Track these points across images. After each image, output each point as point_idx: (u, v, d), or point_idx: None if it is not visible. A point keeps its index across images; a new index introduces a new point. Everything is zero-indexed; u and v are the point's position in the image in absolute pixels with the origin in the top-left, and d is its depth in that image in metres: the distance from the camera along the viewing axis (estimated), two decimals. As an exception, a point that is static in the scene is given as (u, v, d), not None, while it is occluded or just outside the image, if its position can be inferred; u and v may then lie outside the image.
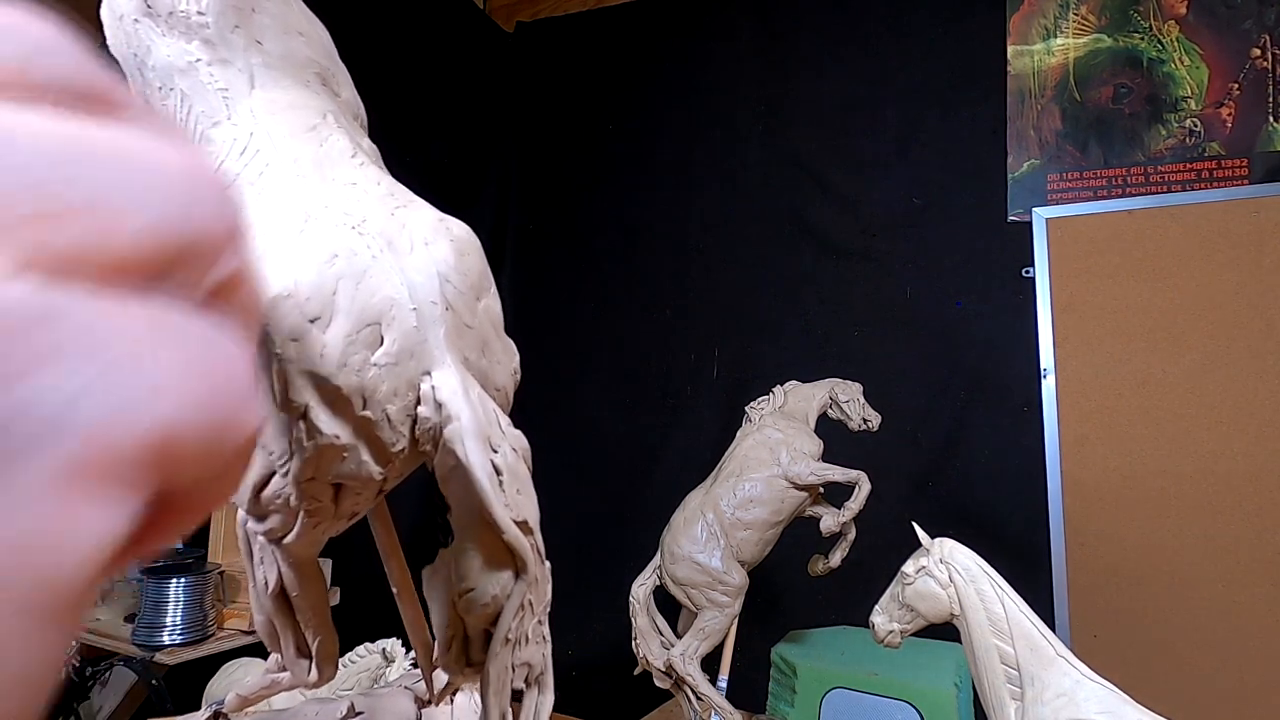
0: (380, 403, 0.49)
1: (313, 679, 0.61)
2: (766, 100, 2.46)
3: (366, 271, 0.49)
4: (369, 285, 0.49)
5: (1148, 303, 1.88)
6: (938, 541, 1.13)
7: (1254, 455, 1.74)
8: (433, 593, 0.54)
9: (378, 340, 0.49)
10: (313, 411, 0.47)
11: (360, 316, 0.48)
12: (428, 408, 0.51)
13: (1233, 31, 1.98)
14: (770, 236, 2.40)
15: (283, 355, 0.46)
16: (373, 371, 0.48)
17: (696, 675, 1.51)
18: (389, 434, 0.50)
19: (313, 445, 0.48)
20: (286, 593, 0.57)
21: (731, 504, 1.55)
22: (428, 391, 0.51)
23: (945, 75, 2.22)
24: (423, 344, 0.51)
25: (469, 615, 0.53)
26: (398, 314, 0.50)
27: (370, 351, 0.48)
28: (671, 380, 2.48)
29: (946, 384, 2.13)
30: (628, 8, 2.72)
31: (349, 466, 0.50)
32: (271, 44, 0.59)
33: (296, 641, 0.61)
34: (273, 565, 0.56)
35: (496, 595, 0.52)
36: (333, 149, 0.58)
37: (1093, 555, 1.86)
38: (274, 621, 0.59)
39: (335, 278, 0.47)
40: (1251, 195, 1.84)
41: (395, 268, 0.50)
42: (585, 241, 2.68)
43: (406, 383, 0.50)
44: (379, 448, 0.50)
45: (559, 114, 2.79)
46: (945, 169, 2.20)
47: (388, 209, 0.54)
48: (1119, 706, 0.94)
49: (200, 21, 0.56)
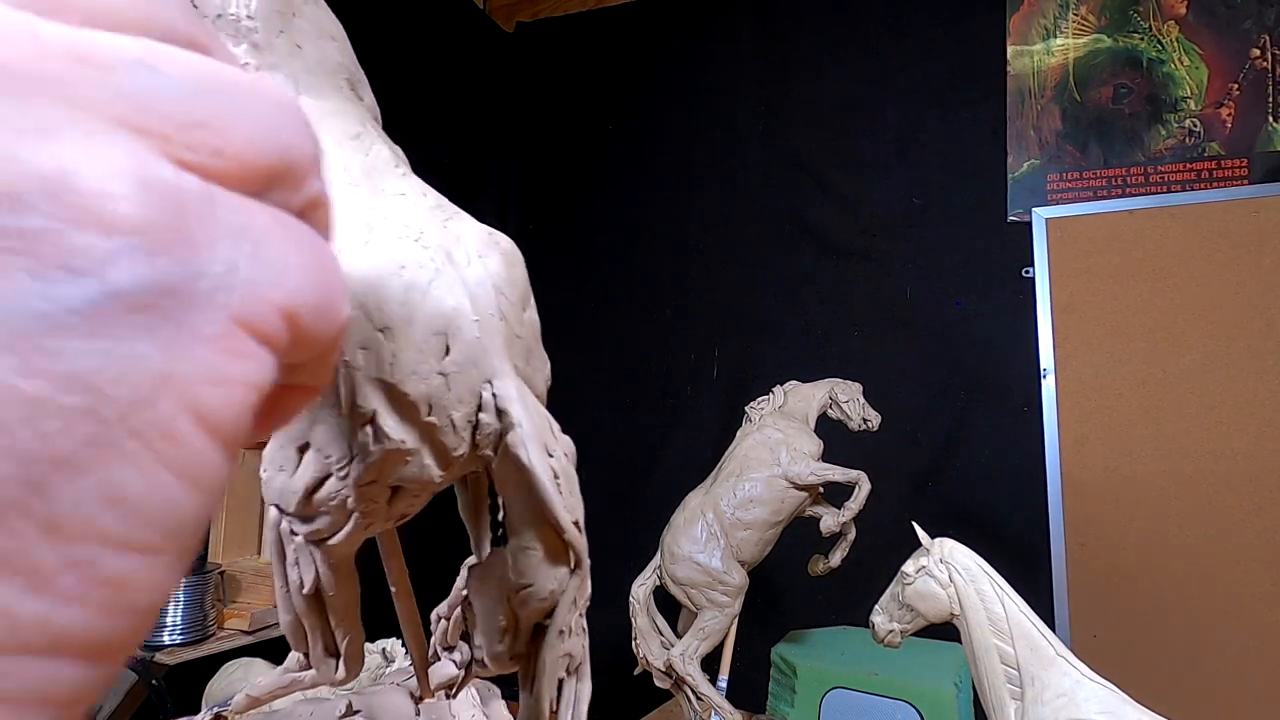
0: (446, 409, 0.51)
1: (340, 676, 0.63)
2: (766, 100, 2.46)
3: (432, 283, 0.51)
4: (435, 296, 0.51)
5: (1148, 303, 1.88)
6: (938, 541, 1.13)
7: (1254, 455, 1.74)
8: (484, 589, 0.58)
9: (444, 349, 0.51)
10: (380, 417, 0.49)
11: (427, 326, 0.50)
12: (488, 414, 0.53)
13: (1232, 31, 1.98)
14: (770, 236, 2.40)
15: (351, 363, 0.48)
16: (439, 379, 0.51)
17: (696, 675, 1.51)
18: (452, 439, 0.52)
19: (379, 450, 0.50)
20: (320, 593, 0.59)
21: (731, 504, 1.55)
22: (488, 399, 0.54)
23: (945, 75, 2.22)
24: (484, 353, 0.53)
25: (524, 609, 0.57)
26: (462, 324, 0.52)
27: (437, 360, 0.51)
28: (671, 380, 2.48)
29: (946, 384, 2.13)
30: (628, 8, 2.72)
31: (412, 470, 0.52)
32: (309, 49, 0.61)
33: (325, 641, 0.62)
34: (310, 566, 0.57)
35: (554, 590, 0.56)
36: (378, 158, 0.60)
37: (1093, 555, 1.86)
38: (304, 621, 0.61)
39: (404, 289, 0.49)
40: (1251, 195, 1.84)
41: (457, 279, 0.53)
42: (585, 241, 2.68)
43: (469, 390, 0.53)
44: (442, 452, 0.52)
45: (559, 114, 2.79)
46: (945, 169, 2.20)
47: (439, 221, 0.56)
48: (1119, 706, 0.94)
49: (250, 26, 0.57)
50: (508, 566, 0.56)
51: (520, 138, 2.83)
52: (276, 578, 0.60)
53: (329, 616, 0.61)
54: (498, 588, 0.57)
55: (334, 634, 0.62)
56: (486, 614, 0.59)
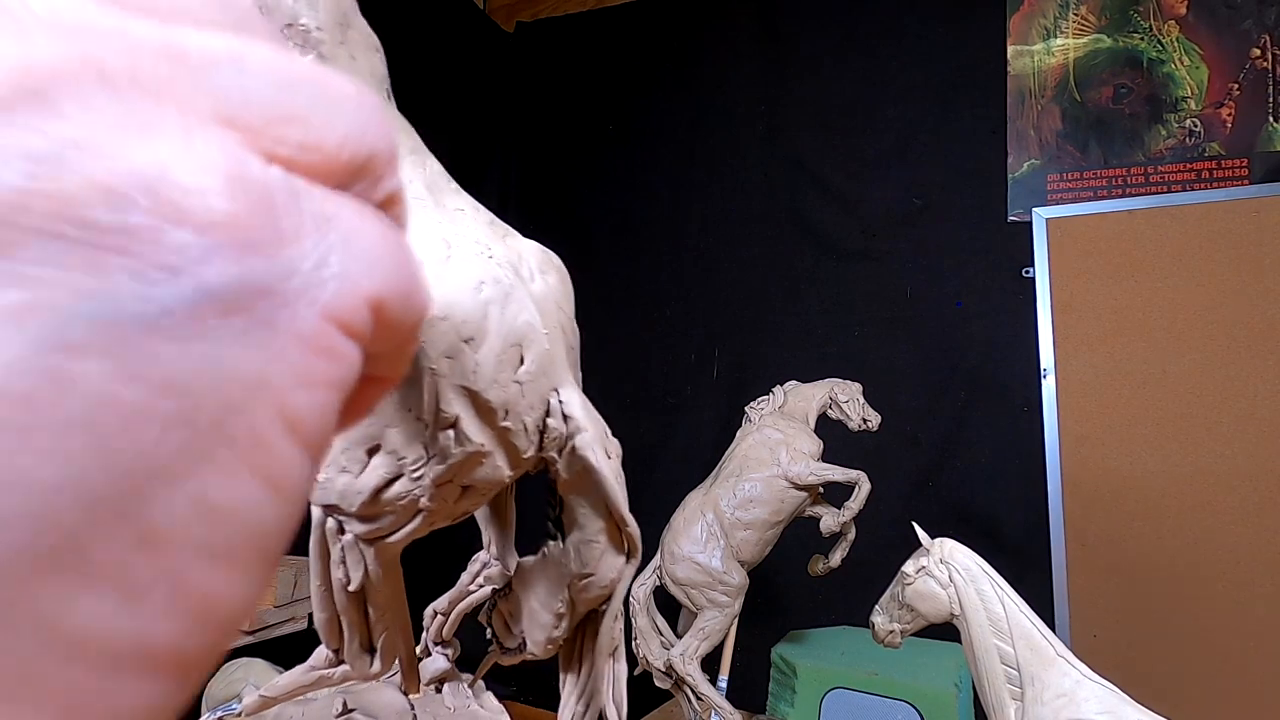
0: (520, 415, 0.56)
1: (375, 670, 0.66)
2: (766, 100, 2.46)
3: (509, 297, 0.55)
4: (512, 310, 0.55)
5: (1148, 303, 1.88)
6: (938, 541, 1.13)
7: (1254, 455, 1.74)
8: (541, 579, 0.62)
9: (519, 359, 0.55)
10: (463, 422, 0.53)
11: (506, 338, 0.54)
12: (555, 419, 0.58)
13: (1233, 31, 1.98)
14: (770, 236, 2.40)
15: (436, 370, 0.52)
16: (515, 387, 0.55)
17: (696, 675, 1.51)
18: (523, 442, 0.57)
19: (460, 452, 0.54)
20: (363, 589, 0.62)
21: (731, 504, 1.55)
22: (555, 405, 0.58)
23: (945, 75, 2.22)
24: (552, 363, 0.58)
25: (584, 596, 0.61)
26: (534, 336, 0.56)
27: (513, 370, 0.55)
28: (671, 380, 2.48)
29: (946, 384, 2.13)
30: (628, 8, 2.72)
31: (485, 471, 0.56)
32: (361, 60, 0.63)
33: (362, 636, 0.65)
34: (359, 564, 0.60)
35: (613, 579, 0.62)
36: (434, 173, 0.64)
37: (1093, 555, 1.86)
38: (343, 618, 0.63)
39: (485, 303, 0.53)
40: (1251, 195, 1.84)
41: (526, 295, 0.57)
42: (585, 242, 2.68)
43: (540, 397, 0.57)
44: (514, 454, 0.57)
45: (559, 114, 2.79)
46: (945, 169, 2.20)
47: (499, 237, 0.61)
48: (1119, 706, 0.94)
49: (319, 37, 0.59)
50: (570, 558, 0.61)
51: (520, 138, 2.83)
52: (314, 577, 0.62)
53: (369, 612, 0.63)
54: (557, 578, 0.61)
55: (371, 630, 0.64)
56: (541, 602, 0.63)
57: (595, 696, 0.67)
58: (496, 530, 0.76)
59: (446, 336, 0.52)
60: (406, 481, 0.54)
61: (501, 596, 0.69)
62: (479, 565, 0.79)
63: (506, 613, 0.68)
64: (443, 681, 0.82)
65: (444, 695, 0.81)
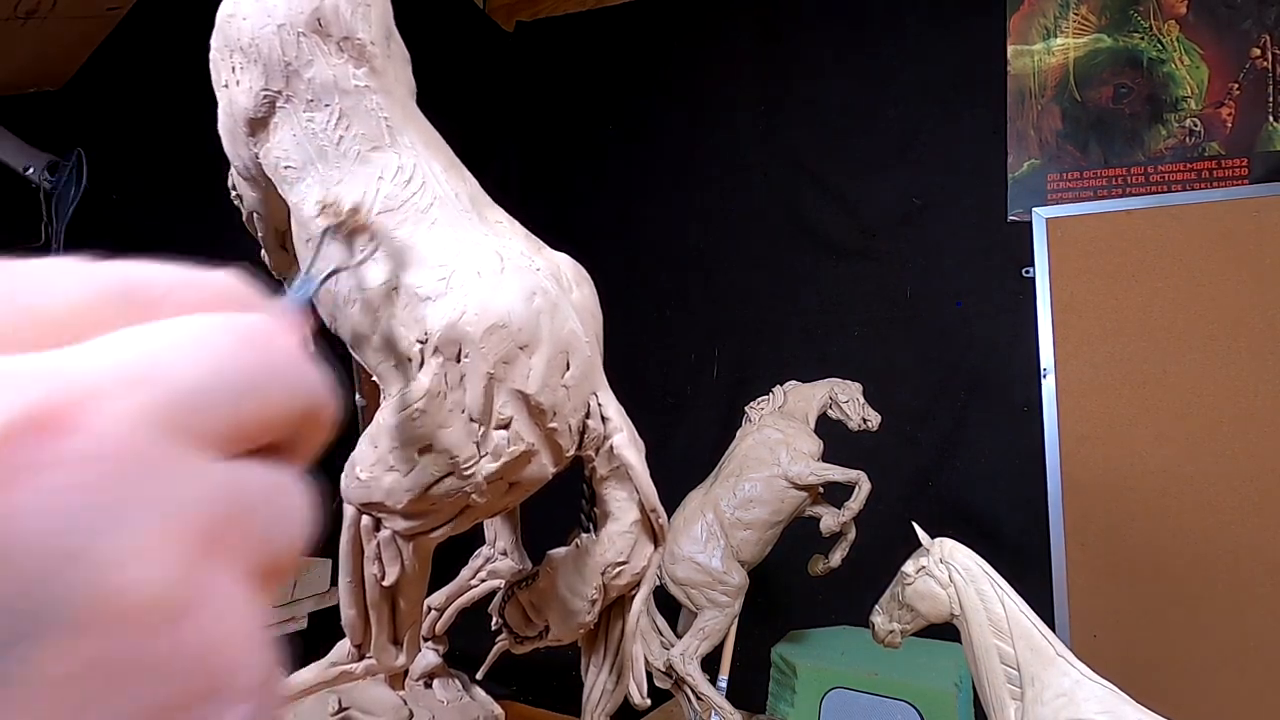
0: (565, 416, 0.60)
1: (401, 662, 0.69)
2: (766, 100, 2.46)
3: (556, 307, 0.59)
4: (559, 319, 0.59)
5: (1148, 303, 1.88)
6: (938, 541, 1.13)
7: (1254, 455, 1.74)
8: (574, 569, 0.67)
9: (566, 365, 0.59)
10: (516, 422, 0.57)
11: (556, 345, 0.58)
12: (594, 421, 0.63)
13: (1233, 31, 1.98)
14: (770, 236, 2.40)
15: (495, 375, 0.56)
16: (563, 391, 0.59)
17: (696, 675, 1.51)
18: (567, 441, 0.61)
19: (512, 451, 0.57)
20: (396, 584, 0.65)
21: (731, 504, 1.55)
22: (595, 407, 0.63)
23: (945, 75, 2.22)
24: (592, 369, 0.62)
25: (617, 582, 0.66)
26: (578, 344, 0.60)
27: (560, 375, 0.59)
28: (671, 380, 2.48)
29: (946, 384, 2.13)
30: (628, 8, 2.72)
31: (533, 469, 0.60)
32: (400, 72, 0.68)
33: (389, 630, 0.68)
34: (395, 560, 0.63)
35: (644, 566, 0.66)
36: (474, 187, 0.70)
37: (1093, 555, 1.86)
38: (373, 613, 0.66)
39: (537, 313, 0.57)
40: (1251, 195, 1.84)
41: (568, 305, 0.61)
42: (585, 241, 2.66)
43: (582, 400, 0.61)
44: (558, 452, 0.61)
45: (559, 114, 2.79)
46: (945, 169, 2.20)
47: (536, 250, 0.66)
48: (1119, 706, 0.94)
49: (372, 52, 0.63)
50: (605, 548, 0.66)
51: (520, 137, 2.83)
52: (345, 574, 0.65)
53: (398, 606, 0.66)
54: (591, 566, 0.66)
55: (398, 623, 0.67)
56: (574, 590, 0.67)
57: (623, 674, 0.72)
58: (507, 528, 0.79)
59: (505, 344, 0.55)
60: (456, 479, 0.57)
61: (522, 588, 0.72)
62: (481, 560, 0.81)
63: (527, 603, 0.71)
64: (432, 677, 0.84)
65: (435, 690, 0.82)
